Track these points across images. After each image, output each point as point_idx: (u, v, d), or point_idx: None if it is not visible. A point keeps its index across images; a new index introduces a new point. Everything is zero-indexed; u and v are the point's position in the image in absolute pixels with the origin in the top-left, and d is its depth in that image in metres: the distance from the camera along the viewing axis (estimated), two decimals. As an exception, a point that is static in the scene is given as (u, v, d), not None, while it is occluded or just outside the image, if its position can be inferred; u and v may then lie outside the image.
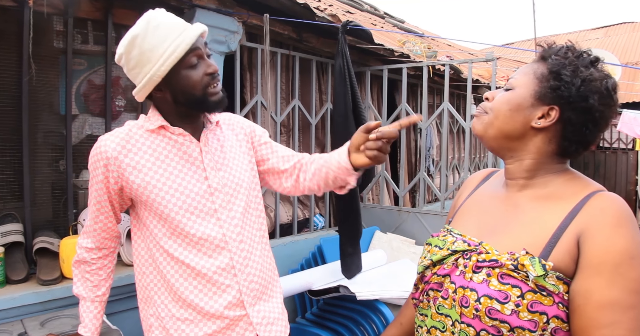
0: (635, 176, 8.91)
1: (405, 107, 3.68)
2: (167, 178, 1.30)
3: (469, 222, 1.10)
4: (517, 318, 0.87)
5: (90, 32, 2.27)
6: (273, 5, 2.67)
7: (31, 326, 1.67)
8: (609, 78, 0.97)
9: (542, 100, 0.98)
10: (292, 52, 3.31)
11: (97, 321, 1.45)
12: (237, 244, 1.35)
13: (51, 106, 2.21)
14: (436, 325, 1.01)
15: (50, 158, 2.23)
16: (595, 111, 0.95)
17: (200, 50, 1.28)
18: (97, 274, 1.44)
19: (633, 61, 10.34)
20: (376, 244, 3.41)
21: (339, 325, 2.74)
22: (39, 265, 2.01)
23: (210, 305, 1.32)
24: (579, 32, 13.78)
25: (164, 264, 1.33)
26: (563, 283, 0.89)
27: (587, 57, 0.99)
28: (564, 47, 1.02)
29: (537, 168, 1.01)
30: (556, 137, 0.99)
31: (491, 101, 1.05)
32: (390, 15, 7.21)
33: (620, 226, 0.87)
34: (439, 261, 1.03)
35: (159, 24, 1.24)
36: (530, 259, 0.89)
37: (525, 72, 1.03)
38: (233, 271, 1.34)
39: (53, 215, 2.26)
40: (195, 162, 1.34)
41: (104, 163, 1.30)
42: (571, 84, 0.94)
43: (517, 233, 0.97)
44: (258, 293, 1.39)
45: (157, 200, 1.29)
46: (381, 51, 3.58)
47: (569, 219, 0.92)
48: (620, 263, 0.85)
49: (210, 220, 1.33)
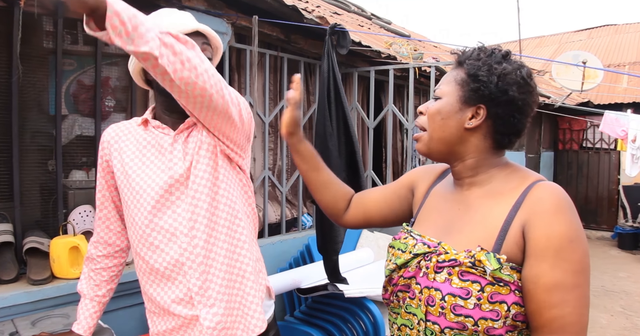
0: (617, 175, 9.06)
1: (392, 108, 3.72)
2: (138, 167, 1.34)
3: (428, 222, 1.15)
4: (480, 310, 0.93)
5: (80, 32, 2.28)
6: (262, 7, 2.69)
7: (22, 325, 1.67)
8: (522, 68, 1.04)
9: (468, 102, 1.05)
10: (280, 53, 3.33)
11: (92, 321, 1.45)
12: (188, 240, 1.27)
13: (41, 106, 2.22)
14: (405, 323, 1.07)
15: (39, 158, 2.23)
16: (518, 100, 1.02)
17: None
18: (100, 275, 1.46)
19: (615, 63, 10.50)
20: (363, 243, 3.45)
21: (327, 322, 2.77)
22: (29, 265, 2.02)
23: (161, 297, 1.30)
24: (563, 34, 13.95)
25: (136, 258, 1.36)
26: (516, 272, 0.95)
27: (498, 53, 1.05)
28: (476, 50, 1.08)
29: (479, 165, 1.08)
30: (490, 133, 1.06)
31: (425, 114, 1.12)
32: (377, 16, 7.25)
33: (558, 212, 0.94)
34: (403, 264, 1.07)
35: (171, 12, 1.35)
36: (485, 254, 0.94)
37: (448, 80, 1.09)
38: (184, 268, 1.28)
39: (43, 215, 2.26)
40: (165, 153, 1.34)
41: (102, 146, 1.41)
42: (489, 82, 1.01)
43: (470, 231, 1.03)
44: (215, 293, 1.30)
45: (127, 187, 1.33)
46: (368, 53, 3.62)
47: (514, 212, 0.98)
48: (560, 247, 0.92)
49: (167, 212, 1.29)
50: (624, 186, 8.66)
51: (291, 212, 3.68)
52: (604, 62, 9.82)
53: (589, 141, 9.64)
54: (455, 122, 1.06)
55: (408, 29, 8.15)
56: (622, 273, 6.32)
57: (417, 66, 3.72)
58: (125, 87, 2.50)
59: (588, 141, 9.66)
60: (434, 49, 6.57)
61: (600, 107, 8.02)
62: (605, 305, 5.05)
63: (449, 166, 1.20)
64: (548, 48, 12.80)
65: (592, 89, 6.86)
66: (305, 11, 3.01)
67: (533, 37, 14.20)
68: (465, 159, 1.08)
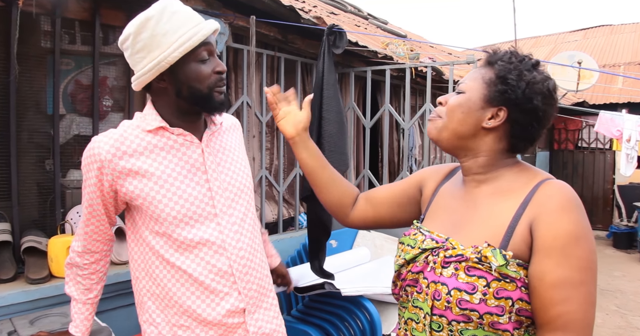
0: (612, 175, 9.10)
1: (388, 108, 3.74)
2: (165, 181, 1.24)
3: (437, 219, 1.16)
4: (485, 306, 0.94)
5: (78, 32, 2.29)
6: (259, 7, 2.70)
7: (20, 324, 1.67)
8: (549, 80, 1.05)
9: (491, 102, 1.05)
10: (277, 53, 3.34)
11: (88, 322, 1.44)
12: (236, 251, 1.30)
13: (38, 106, 2.22)
14: (412, 317, 1.08)
15: (37, 158, 2.24)
16: (540, 110, 1.03)
17: (212, 47, 1.25)
18: (89, 279, 1.40)
19: (610, 63, 10.55)
20: (360, 242, 3.46)
21: (324, 321, 2.78)
22: (27, 264, 2.02)
23: (208, 313, 1.27)
24: (559, 34, 13.99)
25: (160, 269, 1.28)
26: (523, 268, 0.96)
27: (529, 61, 1.06)
28: (508, 53, 1.09)
29: (490, 164, 1.09)
30: (506, 136, 1.07)
31: (444, 105, 1.12)
32: (373, 16, 7.27)
33: (566, 210, 0.96)
34: (411, 259, 1.09)
35: (176, 11, 1.21)
36: (492, 251, 0.96)
37: (474, 77, 1.10)
38: (232, 279, 1.29)
39: (41, 214, 2.26)
40: (196, 165, 1.29)
41: (97, 166, 1.23)
42: (517, 88, 1.02)
43: (478, 227, 1.04)
44: (257, 300, 1.35)
45: (154, 204, 1.23)
46: (365, 53, 3.63)
47: (522, 209, 1.00)
48: (567, 245, 0.93)
49: (210, 225, 1.28)
50: (619, 185, 8.70)
51: (288, 211, 3.69)
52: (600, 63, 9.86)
53: (584, 141, 9.69)
54: (474, 119, 1.07)
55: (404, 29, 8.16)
56: (617, 272, 6.36)
57: (413, 66, 3.73)
58: (123, 87, 2.50)
59: (583, 140, 9.70)
60: (430, 49, 6.59)
61: (595, 107, 8.06)
62: (600, 304, 5.07)
63: (456, 165, 1.22)
64: (544, 48, 12.84)
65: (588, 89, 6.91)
66: (303, 11, 3.02)
67: (529, 37, 14.23)
68: (477, 156, 1.09)
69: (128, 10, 2.32)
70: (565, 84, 6.37)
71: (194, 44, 1.19)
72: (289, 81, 3.53)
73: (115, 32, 2.37)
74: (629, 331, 4.38)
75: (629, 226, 7.92)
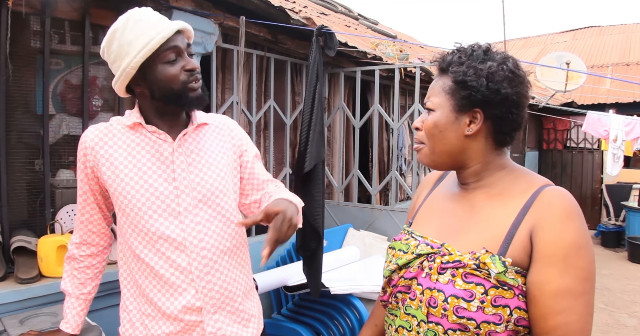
0: (600, 174, 9.20)
1: (378, 108, 3.76)
2: (135, 174, 1.30)
3: (429, 223, 1.12)
4: (483, 314, 0.91)
5: (68, 32, 2.28)
6: (249, 7, 2.71)
7: (10, 324, 1.67)
8: (506, 60, 1.01)
9: (463, 110, 1.02)
10: (267, 53, 3.36)
11: (80, 319, 1.46)
12: (197, 250, 1.31)
13: (28, 106, 2.22)
14: (403, 325, 1.05)
15: (26, 158, 2.23)
16: (512, 95, 0.99)
17: (180, 48, 1.27)
18: (84, 273, 1.45)
19: (599, 64, 10.66)
20: (350, 241, 3.48)
21: (314, 319, 2.80)
22: (17, 264, 2.02)
23: (166, 306, 1.31)
24: (548, 35, 14.11)
25: (131, 259, 1.34)
26: (521, 276, 0.94)
27: (479, 51, 1.02)
28: (456, 53, 1.05)
29: (484, 169, 1.06)
30: (490, 133, 1.03)
31: (422, 129, 1.09)
32: (364, 16, 7.30)
33: (567, 219, 0.93)
34: (404, 265, 1.05)
35: (139, 20, 1.26)
36: (490, 257, 0.93)
37: (437, 91, 1.06)
38: (191, 276, 1.31)
39: (30, 214, 2.26)
40: (166, 162, 1.33)
41: (83, 153, 1.34)
42: (479, 86, 0.98)
43: (475, 233, 1.01)
44: (219, 302, 1.35)
45: (123, 194, 1.30)
46: (354, 53, 3.65)
47: (522, 216, 0.96)
48: (569, 254, 0.91)
49: (173, 221, 1.31)
50: (607, 185, 8.80)
51: (278, 211, 3.69)
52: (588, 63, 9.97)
53: (572, 141, 9.79)
54: (454, 133, 1.03)
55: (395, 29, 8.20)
56: (605, 270, 6.43)
57: (402, 66, 3.76)
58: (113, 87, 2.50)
59: (572, 140, 9.80)
60: (420, 49, 6.63)
61: (583, 108, 8.15)
62: (588, 302, 5.12)
63: None
64: (533, 49, 12.95)
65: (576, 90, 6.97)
66: (293, 12, 3.04)
67: (518, 38, 14.35)
68: (470, 166, 1.07)
69: (117, 10, 2.32)
70: (554, 85, 6.43)
71: (153, 48, 1.22)
72: (279, 81, 3.55)
73: (105, 32, 2.37)
74: (615, 329, 4.44)
75: (617, 225, 8.01)
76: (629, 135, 6.33)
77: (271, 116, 3.46)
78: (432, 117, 1.05)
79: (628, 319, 4.69)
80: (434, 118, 1.05)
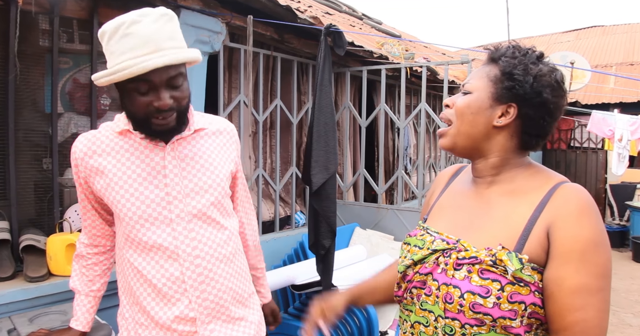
0: (604, 174, 9.19)
1: (384, 108, 3.76)
2: (125, 182, 1.27)
3: (444, 219, 1.13)
4: (499, 310, 0.92)
5: (76, 31, 2.29)
6: (256, 6, 2.71)
7: (20, 322, 1.67)
8: (556, 71, 1.03)
9: (500, 100, 1.03)
10: (273, 52, 3.36)
11: (90, 316, 1.46)
12: (190, 259, 1.28)
13: (36, 105, 2.22)
14: (420, 320, 1.04)
15: (35, 156, 2.24)
16: (550, 103, 1.01)
17: (154, 83, 1.17)
18: (93, 270, 1.45)
19: (602, 64, 10.65)
20: (356, 240, 3.48)
21: (321, 319, 2.79)
22: (26, 262, 2.02)
23: (159, 316, 1.28)
24: (552, 35, 14.10)
25: (127, 267, 1.32)
26: (537, 273, 0.94)
27: (533, 54, 1.05)
28: (511, 47, 1.07)
29: (502, 165, 1.06)
30: (517, 133, 1.04)
31: (452, 107, 1.09)
32: (368, 16, 7.29)
33: (584, 216, 0.93)
34: (420, 260, 1.05)
35: (128, 34, 1.15)
36: (507, 254, 0.93)
37: (480, 75, 1.07)
38: (184, 286, 1.28)
39: (39, 213, 2.26)
40: (157, 168, 1.29)
41: (74, 163, 1.32)
42: (524, 82, 1.00)
43: (491, 229, 1.01)
44: (214, 312, 1.32)
45: (114, 203, 1.27)
46: (360, 53, 3.65)
47: (538, 212, 0.97)
48: (586, 251, 0.91)
49: (165, 229, 1.28)
50: (611, 184, 8.78)
51: (284, 210, 3.71)
52: (592, 63, 9.95)
53: (576, 141, 9.77)
54: (484, 119, 1.04)
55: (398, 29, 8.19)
56: (609, 270, 6.41)
57: (408, 65, 3.75)
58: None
59: (576, 140, 9.79)
60: (425, 49, 6.62)
61: (587, 107, 8.13)
62: (593, 302, 5.12)
63: (461, 165, 1.20)
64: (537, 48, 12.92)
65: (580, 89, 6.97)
66: (298, 11, 3.03)
67: (522, 38, 14.31)
68: (488, 157, 1.07)
69: (126, 9, 2.29)
70: (558, 84, 6.41)
71: (125, 77, 1.14)
72: (285, 80, 3.55)
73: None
74: (620, 328, 4.43)
75: (621, 225, 8.00)
76: (634, 134, 6.32)
77: (277, 115, 3.46)
78: (467, 99, 1.07)
79: (633, 319, 4.68)
80: (469, 99, 1.06)
